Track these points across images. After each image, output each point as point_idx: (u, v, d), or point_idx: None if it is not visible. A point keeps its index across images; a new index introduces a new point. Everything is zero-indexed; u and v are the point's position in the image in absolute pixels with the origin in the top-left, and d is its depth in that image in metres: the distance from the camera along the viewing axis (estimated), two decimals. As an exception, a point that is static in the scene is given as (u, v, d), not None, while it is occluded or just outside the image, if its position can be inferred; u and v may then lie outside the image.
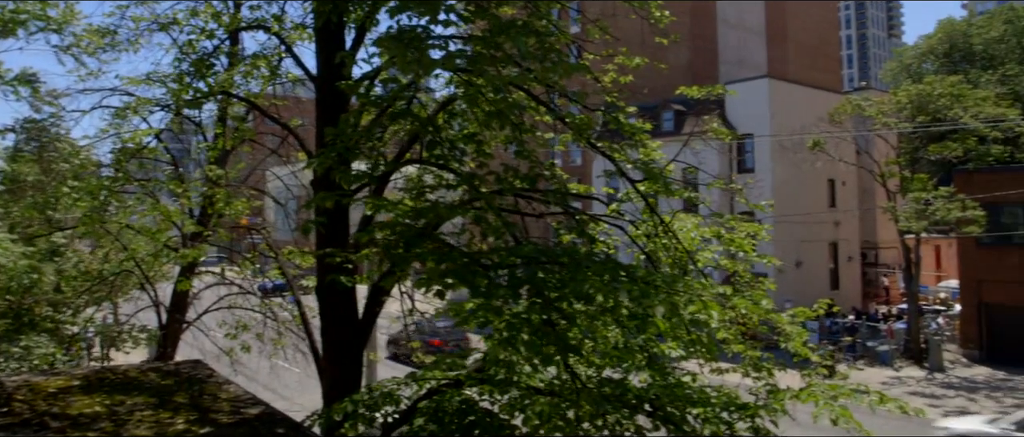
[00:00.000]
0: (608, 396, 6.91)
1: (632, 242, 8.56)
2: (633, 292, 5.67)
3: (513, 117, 7.12)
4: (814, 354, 8.78)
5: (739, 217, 9.90)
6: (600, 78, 9.99)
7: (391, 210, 6.71)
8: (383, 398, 6.84)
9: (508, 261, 6.11)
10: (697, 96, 10.64)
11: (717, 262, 9.73)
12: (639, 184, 8.34)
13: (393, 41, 6.57)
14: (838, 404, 7.14)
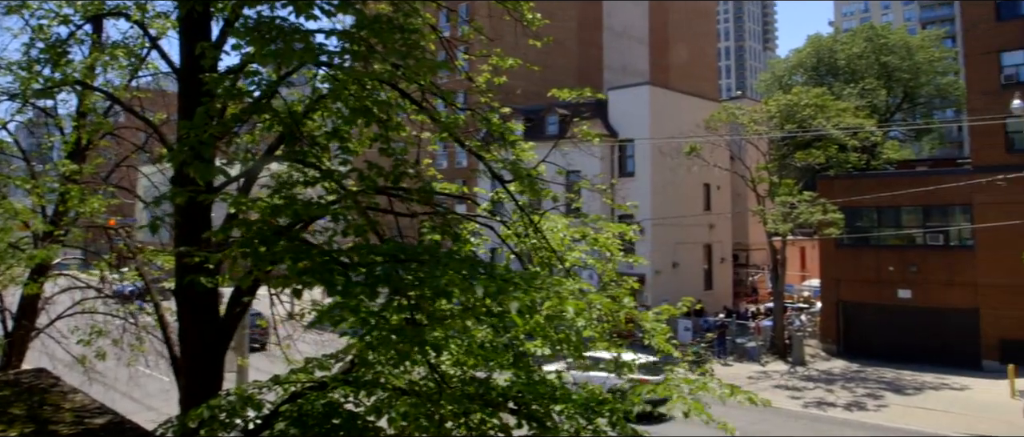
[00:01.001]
0: (472, 395, 6.89)
1: (502, 242, 8.59)
2: (490, 288, 5.68)
3: (379, 114, 7.02)
4: (677, 350, 9.00)
5: (604, 218, 10.10)
6: (474, 78, 9.99)
7: (251, 208, 6.50)
8: (243, 403, 6.59)
9: (367, 259, 6.02)
10: (569, 99, 10.75)
11: (585, 262, 9.89)
12: (509, 184, 8.37)
13: (251, 32, 6.36)
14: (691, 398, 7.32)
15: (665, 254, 37.13)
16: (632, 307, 8.83)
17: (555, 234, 9.46)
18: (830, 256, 33.94)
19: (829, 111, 33.60)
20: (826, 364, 30.99)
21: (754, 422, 22.30)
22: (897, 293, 31.37)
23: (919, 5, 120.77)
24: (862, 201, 31.42)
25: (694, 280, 39.25)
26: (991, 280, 28.59)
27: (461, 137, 8.15)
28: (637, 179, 37.99)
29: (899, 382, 27.34)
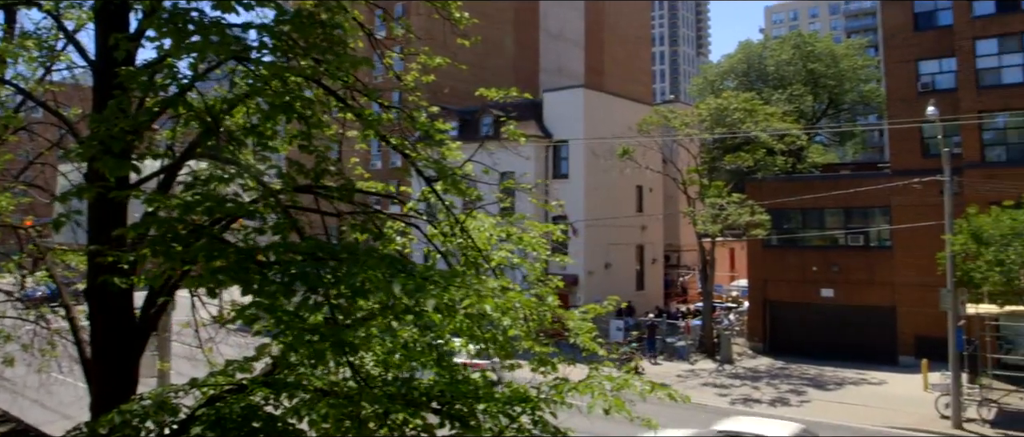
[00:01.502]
0: (393, 395, 6.83)
1: (428, 241, 8.55)
2: (408, 286, 5.63)
3: (302, 110, 6.90)
4: (602, 349, 9.06)
5: (530, 217, 10.12)
6: (402, 76, 9.90)
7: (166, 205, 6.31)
8: (157, 408, 6.39)
9: (284, 258, 5.90)
10: (497, 99, 10.73)
11: (511, 261, 9.90)
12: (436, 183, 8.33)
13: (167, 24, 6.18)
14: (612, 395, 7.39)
15: (598, 255, 37.54)
16: (557, 306, 8.86)
17: (481, 233, 9.44)
18: (757, 257, 34.81)
19: (757, 115, 34.42)
20: (753, 362, 31.78)
21: (684, 420, 22.70)
22: (820, 292, 32.40)
23: (845, 15, 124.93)
24: (788, 203, 32.33)
25: (626, 281, 39.75)
26: (907, 279, 29.77)
27: (387, 135, 8.09)
28: (571, 181, 38.30)
29: (821, 378, 28.22)
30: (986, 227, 20.93)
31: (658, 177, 39.66)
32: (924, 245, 27.32)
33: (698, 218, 32.17)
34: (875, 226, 31.79)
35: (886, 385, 26.94)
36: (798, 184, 34.16)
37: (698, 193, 34.12)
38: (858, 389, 26.50)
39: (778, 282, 33.74)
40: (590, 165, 37.76)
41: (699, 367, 30.80)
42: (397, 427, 6.70)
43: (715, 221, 31.33)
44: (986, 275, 21.02)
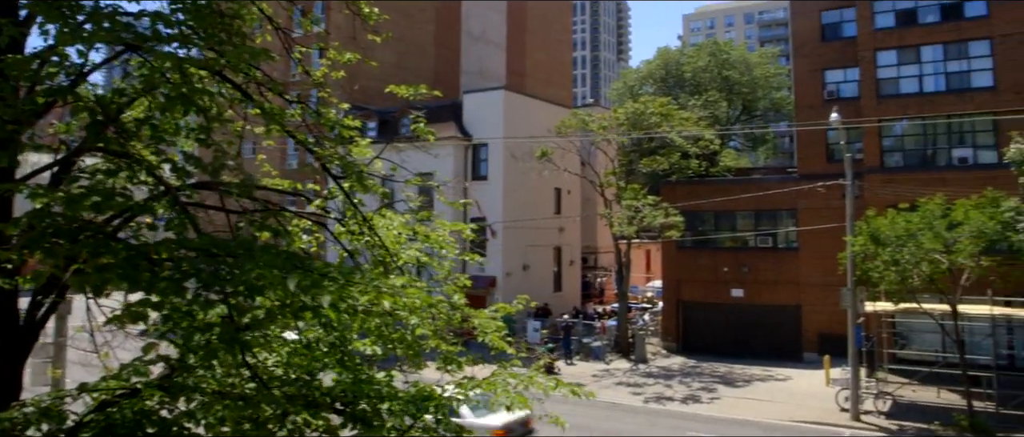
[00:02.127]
0: (293, 396, 6.68)
1: (334, 239, 8.42)
2: (303, 282, 5.52)
3: (201, 103, 6.70)
4: (511, 348, 9.08)
5: (439, 214, 10.08)
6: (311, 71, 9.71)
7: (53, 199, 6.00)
8: (40, 415, 6.07)
9: (176, 254, 5.71)
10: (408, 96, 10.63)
11: (419, 260, 9.83)
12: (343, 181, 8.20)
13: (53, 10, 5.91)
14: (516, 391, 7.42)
15: (516, 257, 37.72)
16: (464, 304, 8.85)
17: (389, 232, 9.35)
18: (672, 258, 35.58)
19: (673, 119, 35.18)
20: (666, 361, 32.46)
21: (599, 420, 23.02)
22: (731, 292, 33.36)
23: (759, 25, 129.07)
24: (701, 205, 33.18)
25: (544, 282, 40.06)
26: (812, 279, 30.96)
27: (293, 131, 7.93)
28: (490, 182, 38.37)
29: (731, 375, 29.04)
30: (883, 229, 21.86)
31: (576, 180, 40.10)
32: (828, 246, 28.41)
33: (614, 220, 32.66)
34: (783, 228, 32.93)
35: (791, 381, 27.93)
36: (711, 187, 35.10)
37: (615, 195, 34.63)
38: (765, 385, 27.38)
39: (691, 283, 34.60)
40: (509, 167, 37.91)
41: (614, 367, 31.27)
42: (297, 428, 6.57)
43: (631, 223, 31.88)
44: (883, 274, 21.97)
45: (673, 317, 35.29)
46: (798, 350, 31.48)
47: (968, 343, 23.67)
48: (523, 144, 36.42)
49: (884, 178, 29.12)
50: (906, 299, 22.66)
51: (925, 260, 21.26)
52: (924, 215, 21.64)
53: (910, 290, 22.14)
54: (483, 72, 60.52)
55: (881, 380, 24.17)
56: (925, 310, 22.68)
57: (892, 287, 22.20)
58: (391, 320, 7.89)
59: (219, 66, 6.76)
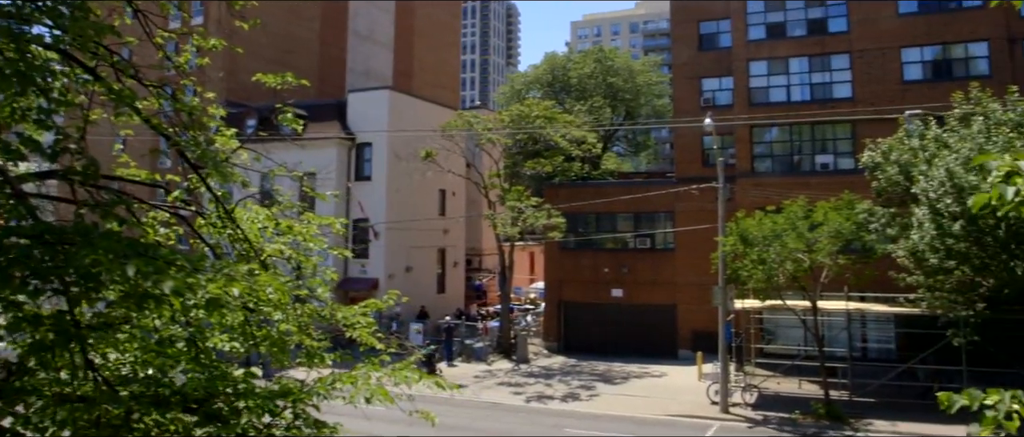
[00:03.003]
0: (140, 395, 6.30)
1: (194, 232, 8.04)
2: (144, 268, 5.20)
3: (40, 81, 6.24)
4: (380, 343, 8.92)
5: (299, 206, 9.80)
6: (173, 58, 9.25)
7: None
8: None
9: (7, 242, 5.29)
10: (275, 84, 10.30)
11: (284, 254, 9.54)
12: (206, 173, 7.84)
13: None
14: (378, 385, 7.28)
15: (399, 258, 37.33)
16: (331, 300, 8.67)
17: (253, 225, 9.03)
18: (554, 259, 36.09)
19: (557, 123, 35.69)
20: (548, 360, 32.87)
21: (479, 419, 23.04)
22: (611, 292, 34.15)
23: (643, 34, 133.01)
24: (583, 207, 33.83)
25: (428, 284, 39.82)
26: (687, 279, 32.06)
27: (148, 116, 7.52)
28: (373, 183, 37.86)
29: (609, 373, 29.70)
30: (752, 229, 22.88)
31: (461, 181, 40.10)
32: (702, 247, 29.45)
33: (498, 221, 32.82)
34: (660, 230, 33.97)
35: (666, 377, 28.82)
36: (593, 189, 35.83)
37: (499, 197, 34.82)
38: (641, 382, 28.15)
39: (573, 283, 35.18)
40: (393, 168, 37.51)
41: (496, 367, 31.41)
42: (147, 430, 6.21)
43: (514, 224, 32.11)
44: (751, 273, 22.98)
45: (555, 317, 35.79)
46: (674, 348, 32.56)
47: (827, 337, 25.11)
48: (408, 144, 36.11)
49: (754, 182, 30.50)
50: (772, 296, 23.80)
51: (789, 259, 22.38)
52: (788, 217, 22.78)
53: (775, 288, 23.27)
54: (370, 72, 59.67)
55: (749, 374, 25.33)
56: (789, 306, 23.89)
57: (759, 285, 23.26)
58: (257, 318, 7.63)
59: (63, 42, 6.34)
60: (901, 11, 31.50)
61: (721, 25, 36.10)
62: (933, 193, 19.78)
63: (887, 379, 23.92)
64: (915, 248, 20.43)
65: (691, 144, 36.01)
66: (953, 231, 19.04)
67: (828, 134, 32.04)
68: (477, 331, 35.09)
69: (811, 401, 22.94)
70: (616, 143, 66.57)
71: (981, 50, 29.63)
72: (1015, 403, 3.80)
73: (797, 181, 29.05)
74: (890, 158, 22.90)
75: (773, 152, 33.05)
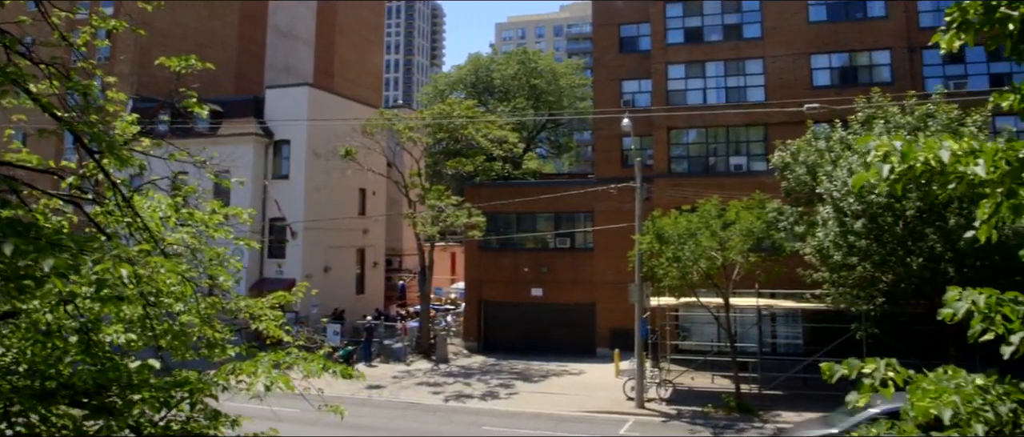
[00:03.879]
0: (22, 388, 6.00)
1: (89, 219, 7.70)
2: (22, 247, 4.94)
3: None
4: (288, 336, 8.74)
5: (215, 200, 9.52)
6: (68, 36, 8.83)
7: None
8: None
9: None
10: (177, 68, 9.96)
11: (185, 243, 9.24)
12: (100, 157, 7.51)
13: None
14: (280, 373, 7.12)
15: (317, 258, 36.68)
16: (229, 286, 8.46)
17: (155, 213, 8.73)
18: (474, 259, 36.07)
19: (478, 123, 35.67)
20: (468, 360, 32.80)
21: (396, 419, 22.82)
22: (531, 291, 34.31)
23: (567, 37, 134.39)
24: (504, 207, 33.88)
25: (346, 285, 39.24)
26: (605, 278, 32.46)
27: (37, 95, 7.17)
28: (291, 181, 37.14)
29: (528, 372, 29.82)
30: (667, 228, 23.32)
31: (382, 181, 39.64)
32: (620, 247, 29.83)
33: (418, 220, 32.56)
34: (580, 229, 34.32)
35: (585, 375, 29.11)
36: (514, 189, 35.94)
37: (419, 196, 34.57)
38: (560, 380, 28.35)
39: (493, 283, 35.21)
40: (312, 166, 36.84)
41: (415, 367, 31.16)
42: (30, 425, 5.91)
43: (434, 223, 31.91)
44: (667, 271, 23.43)
45: (475, 317, 35.76)
46: (592, 346, 32.92)
47: (738, 333, 25.81)
48: (327, 142, 35.49)
49: (671, 182, 31.11)
50: (686, 294, 24.33)
51: (703, 257, 22.89)
52: (702, 215, 23.33)
53: (690, 285, 23.77)
54: (290, 69, 58.46)
55: (664, 369, 25.83)
56: (703, 303, 24.45)
57: (674, 282, 23.72)
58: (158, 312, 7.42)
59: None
60: (811, 19, 32.68)
61: (641, 28, 36.78)
62: (837, 193, 20.55)
63: (794, 372, 24.75)
64: (821, 245, 21.19)
65: (610, 145, 36.56)
66: (855, 229, 19.83)
67: (742, 136, 32.97)
68: (396, 331, 34.75)
69: (723, 395, 23.55)
70: (539, 146, 66.99)
71: (884, 58, 30.99)
72: (889, 371, 3.95)
73: (712, 181, 29.75)
74: (798, 159, 23.70)
75: (690, 153, 33.80)
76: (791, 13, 32.76)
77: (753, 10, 34.02)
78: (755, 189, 25.02)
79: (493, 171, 35.37)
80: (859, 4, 32.89)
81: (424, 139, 36.01)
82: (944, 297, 3.95)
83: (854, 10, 32.84)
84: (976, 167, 3.53)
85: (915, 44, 30.34)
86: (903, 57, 30.32)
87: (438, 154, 37.29)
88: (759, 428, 21.36)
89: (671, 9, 34.86)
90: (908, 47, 30.39)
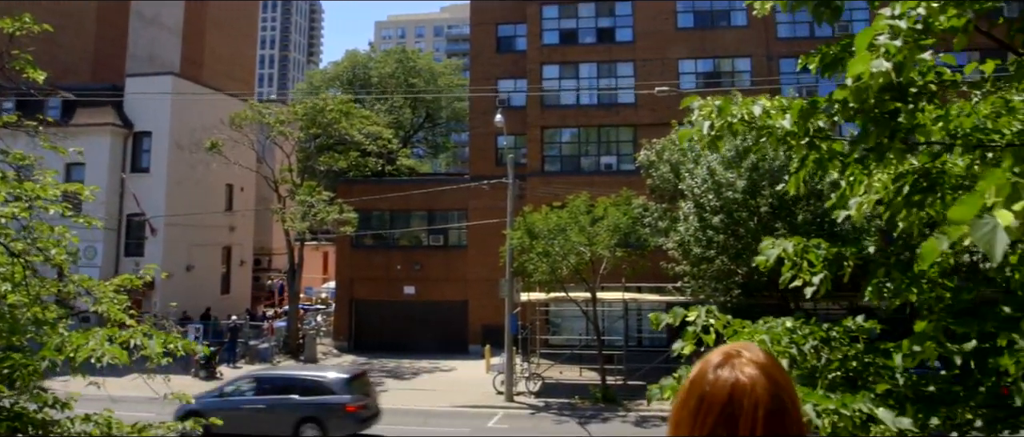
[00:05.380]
0: None
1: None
2: None
3: None
4: (131, 319, 8.28)
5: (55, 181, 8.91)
6: None
7: None
8: None
9: None
10: (10, 30, 9.28)
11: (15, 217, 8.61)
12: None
13: None
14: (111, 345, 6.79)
15: (179, 256, 34.91)
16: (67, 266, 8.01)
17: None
18: (346, 257, 35.45)
19: (353, 118, 35.04)
20: (337, 359, 32.17)
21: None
22: (404, 290, 34.02)
23: (447, 38, 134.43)
24: (377, 204, 33.43)
25: (211, 284, 37.60)
26: (478, 275, 32.59)
27: None
28: (152, 175, 35.28)
29: (399, 369, 29.55)
30: (538, 223, 23.67)
31: (251, 177, 38.23)
32: (493, 244, 30.03)
33: (287, 216, 31.64)
34: (453, 226, 34.33)
35: (456, 371, 29.11)
36: (388, 186, 35.55)
37: (290, 192, 33.63)
38: (432, 376, 28.25)
39: (365, 281, 34.68)
40: (175, 159, 35.15)
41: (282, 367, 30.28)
42: None
43: (304, 218, 31.10)
44: (537, 266, 23.78)
45: (345, 316, 35.11)
46: (464, 343, 32.95)
47: (606, 326, 26.49)
48: (192, 135, 33.94)
49: (544, 180, 31.59)
50: (556, 288, 24.76)
51: (572, 252, 23.36)
52: (571, 211, 23.82)
53: (559, 280, 24.21)
54: (154, 59, 55.40)
55: (534, 363, 26.18)
56: (572, 298, 24.93)
57: (544, 277, 24.10)
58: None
59: None
60: (680, 25, 34.04)
61: (518, 29, 37.17)
62: (698, 189, 21.46)
63: (657, 363, 25.58)
64: (682, 240, 22.06)
65: (485, 144, 36.74)
66: (713, 223, 20.76)
67: (613, 137, 33.91)
68: (263, 332, 33.62)
69: (590, 387, 24.09)
70: (416, 146, 66.62)
71: (745, 65, 32.65)
72: (710, 318, 4.12)
73: (583, 180, 30.38)
74: (663, 158, 24.60)
75: (562, 152, 34.47)
76: (661, 19, 33.97)
77: (625, 14, 35.08)
78: (624, 187, 25.76)
79: (367, 167, 34.82)
80: (723, 13, 34.54)
81: (296, 134, 35.00)
82: (759, 246, 4.17)
83: (719, 19, 34.45)
84: (783, 121, 3.74)
85: (773, 53, 32.12)
86: (762, 64, 32.02)
87: (311, 151, 36.34)
88: (622, 416, 21.99)
89: (547, 11, 35.45)
90: (767, 55, 32.12)
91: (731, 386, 1.28)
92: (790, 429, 1.28)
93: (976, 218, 1.85)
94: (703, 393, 1.30)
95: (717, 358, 1.35)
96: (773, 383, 1.29)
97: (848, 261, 4.02)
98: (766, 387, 1.27)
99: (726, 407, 1.26)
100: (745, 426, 1.24)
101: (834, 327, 4.04)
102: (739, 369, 1.31)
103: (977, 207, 1.88)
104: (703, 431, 1.26)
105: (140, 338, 6.94)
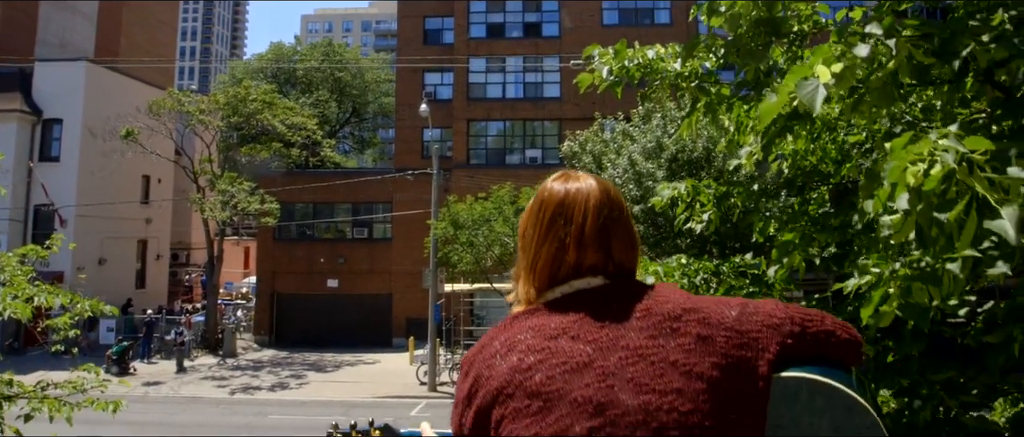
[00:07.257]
0: None
1: None
2: None
3: None
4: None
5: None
6: None
7: None
8: None
9: None
10: None
11: None
12: None
13: None
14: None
15: (91, 249, 33.49)
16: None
17: None
18: (267, 250, 34.69)
19: (276, 108, 34.31)
20: (257, 354, 31.49)
21: (175, 414, 21.46)
22: (327, 283, 33.46)
23: (375, 33, 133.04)
24: (300, 196, 32.79)
25: (125, 278, 36.29)
26: (403, 268, 32.30)
27: None
28: (62, 164, 33.88)
29: (321, 363, 29.09)
30: (462, 213, 23.62)
31: (169, 168, 37.02)
32: (418, 237, 29.77)
33: (206, 205, 30.76)
34: (378, 218, 33.96)
35: (379, 363, 28.81)
36: (311, 177, 34.91)
37: (210, 183, 32.70)
38: (354, 369, 27.90)
39: (286, 275, 33.99)
40: (88, 148, 33.77)
41: (199, 363, 29.40)
42: None
43: (224, 208, 30.29)
44: (461, 256, 23.71)
45: (266, 310, 34.33)
46: (389, 336, 32.62)
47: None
48: (107, 123, 32.61)
49: (469, 173, 31.56)
50: (480, 279, 24.73)
51: (496, 242, 23.38)
52: (496, 202, 23.83)
53: (484, 270, 24.19)
54: (66, 45, 52.97)
55: (457, 353, 26.09)
56: (496, 289, 24.93)
57: (469, 268, 24.07)
58: None
59: None
60: (605, 22, 34.47)
61: (445, 22, 37.02)
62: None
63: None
64: (604, 230, 22.27)
65: (411, 136, 36.47)
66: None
67: (538, 131, 34.10)
68: (179, 325, 32.61)
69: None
70: (342, 141, 65.76)
71: (667, 62, 33.21)
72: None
73: (509, 173, 30.48)
74: (586, 149, 24.80)
75: (488, 145, 34.50)
76: (587, 16, 34.33)
77: (552, 10, 35.36)
78: (548, 179, 25.87)
79: (291, 159, 34.13)
80: (648, 12, 35.14)
81: (217, 123, 34.01)
82: (656, 189, 4.22)
83: (643, 16, 35.04)
84: (675, 64, 3.81)
85: (693, 52, 32.76)
86: (682, 62, 32.63)
87: (233, 141, 35.39)
88: (546, 403, 22.09)
89: (474, 5, 35.45)
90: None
91: (566, 189, 1.46)
92: (620, 219, 1.46)
93: (801, 80, 2.05)
94: (543, 198, 1.48)
95: (556, 175, 1.53)
96: (604, 188, 1.47)
97: (735, 200, 4.11)
98: (597, 187, 1.46)
99: (561, 204, 1.44)
100: (578, 214, 1.41)
101: (724, 263, 4.14)
102: (574, 179, 1.49)
103: (805, 73, 2.09)
104: (542, 226, 1.44)
105: (45, 297, 6.65)
